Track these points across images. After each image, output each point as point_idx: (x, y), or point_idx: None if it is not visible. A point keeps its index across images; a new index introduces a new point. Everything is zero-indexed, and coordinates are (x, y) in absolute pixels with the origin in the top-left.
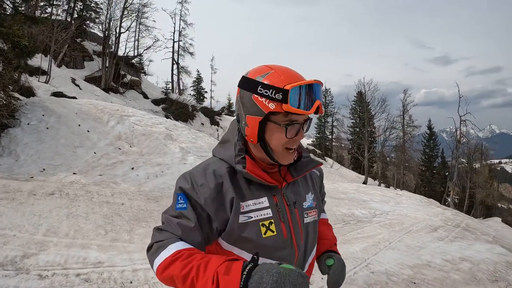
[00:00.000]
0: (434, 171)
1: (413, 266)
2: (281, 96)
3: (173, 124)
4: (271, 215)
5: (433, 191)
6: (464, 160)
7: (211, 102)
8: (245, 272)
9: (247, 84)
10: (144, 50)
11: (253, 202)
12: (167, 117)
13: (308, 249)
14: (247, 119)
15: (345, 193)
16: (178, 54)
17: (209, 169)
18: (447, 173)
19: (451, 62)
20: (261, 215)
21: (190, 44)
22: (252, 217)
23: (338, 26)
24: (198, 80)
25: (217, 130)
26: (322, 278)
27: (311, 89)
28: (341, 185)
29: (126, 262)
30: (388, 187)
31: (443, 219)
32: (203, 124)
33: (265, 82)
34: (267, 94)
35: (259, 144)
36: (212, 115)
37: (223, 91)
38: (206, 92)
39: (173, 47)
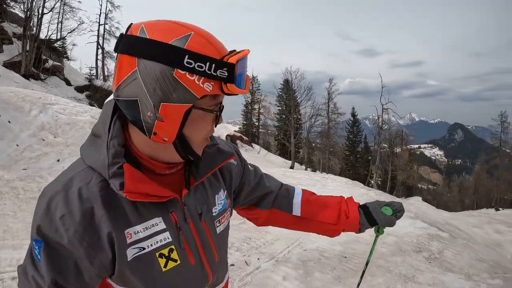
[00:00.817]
0: (358, 156)
1: (343, 242)
2: (226, 73)
3: (98, 113)
4: (171, 239)
5: (357, 174)
6: (385, 145)
7: None
8: None
9: (158, 51)
10: (68, 33)
11: (142, 227)
12: (91, 105)
13: (223, 264)
14: (161, 110)
15: None
16: (103, 38)
17: (73, 187)
18: (370, 157)
19: (376, 54)
20: (157, 242)
21: (117, 27)
22: (144, 248)
23: (266, 19)
24: None
25: None
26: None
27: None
28: (268, 171)
29: None
30: (314, 171)
31: (367, 199)
32: None
33: (194, 51)
34: (201, 69)
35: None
36: None
37: None
38: None
39: (98, 30)
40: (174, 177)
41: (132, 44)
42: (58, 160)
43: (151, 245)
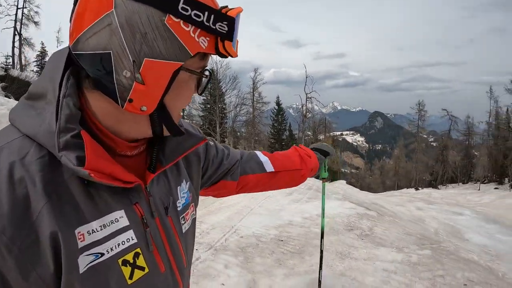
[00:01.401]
0: (283, 143)
1: (278, 226)
2: (226, 28)
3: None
4: (136, 240)
5: None
6: (309, 133)
7: None
8: None
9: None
10: None
11: (99, 224)
12: (7, 97)
13: (189, 265)
14: (144, 68)
15: None
16: (21, 23)
17: (2, 160)
18: (294, 145)
19: (301, 45)
20: (119, 245)
21: (36, 12)
22: (103, 254)
23: None
24: (43, 54)
25: None
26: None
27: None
28: None
29: None
30: None
31: (296, 187)
32: None
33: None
34: (199, 19)
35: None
36: None
37: None
38: None
39: (16, 14)
40: (136, 160)
41: None
42: None
43: (112, 249)
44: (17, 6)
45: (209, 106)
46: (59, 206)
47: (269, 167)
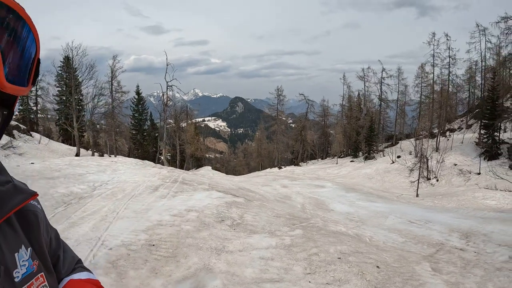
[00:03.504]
0: (145, 134)
1: (147, 229)
2: None
3: None
4: None
5: (146, 152)
6: (171, 121)
7: None
8: None
9: None
10: None
11: None
12: None
13: None
14: None
15: (58, 170)
16: None
17: None
18: (157, 134)
19: (163, 32)
20: None
21: None
22: None
23: None
24: None
25: None
26: None
27: None
28: (53, 162)
29: None
30: (102, 155)
31: (161, 178)
32: None
33: None
34: None
35: None
36: None
37: None
38: None
39: None
40: None
41: None
42: None
43: None
44: None
45: (64, 98)
46: None
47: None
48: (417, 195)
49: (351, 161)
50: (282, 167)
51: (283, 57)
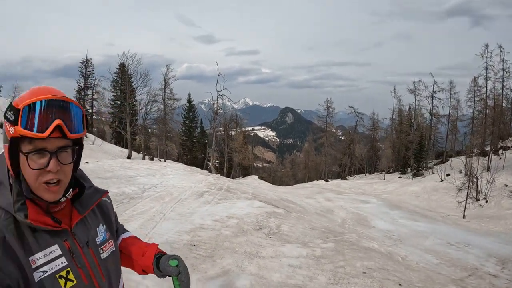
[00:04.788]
0: (195, 140)
1: (189, 231)
2: (13, 117)
3: None
4: (67, 263)
5: (194, 158)
6: (221, 129)
7: None
8: None
9: (5, 110)
10: None
11: (43, 254)
12: None
13: (113, 284)
14: (3, 148)
15: (111, 171)
16: None
17: None
18: (206, 141)
19: (214, 41)
20: (56, 266)
21: None
22: (47, 272)
23: None
24: None
25: None
26: None
27: (52, 107)
28: (106, 163)
29: None
30: (152, 159)
31: (207, 185)
32: None
33: (12, 104)
34: (8, 116)
35: (21, 178)
36: None
37: None
38: None
39: None
40: (64, 212)
41: None
42: None
43: (51, 268)
44: None
45: (119, 103)
46: (20, 244)
47: (120, 239)
48: (463, 216)
49: (399, 177)
50: (329, 180)
51: (332, 68)
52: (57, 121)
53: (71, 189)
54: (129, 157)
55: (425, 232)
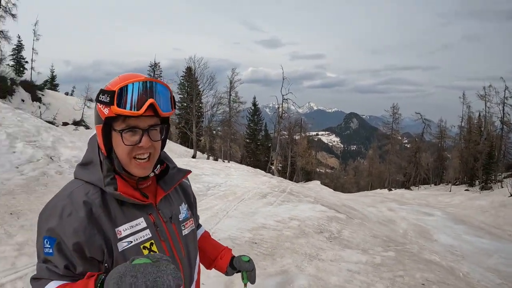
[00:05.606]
0: (259, 143)
1: (251, 229)
2: (108, 98)
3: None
4: (151, 235)
5: (258, 161)
6: (285, 133)
7: (31, 74)
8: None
9: (96, 96)
10: None
11: (129, 225)
12: None
13: (192, 260)
14: (96, 129)
15: None
16: None
17: (76, 194)
18: (270, 145)
19: (279, 45)
20: (141, 237)
21: (14, 4)
22: (132, 242)
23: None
24: (19, 47)
25: (39, 108)
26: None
27: (145, 88)
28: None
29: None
30: (216, 159)
31: (270, 186)
32: (23, 100)
33: (104, 89)
34: (102, 99)
35: (113, 155)
36: (33, 90)
37: (45, 61)
38: (26, 62)
39: None
40: (149, 188)
41: None
42: None
43: (136, 239)
44: None
45: (185, 104)
46: (107, 216)
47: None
48: None
49: (466, 190)
50: (392, 189)
51: (398, 72)
52: (150, 100)
53: (158, 165)
54: (194, 156)
55: (489, 249)
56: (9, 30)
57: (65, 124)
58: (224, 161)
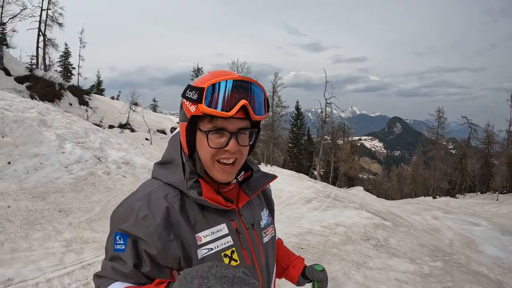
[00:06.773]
0: (301, 148)
1: (298, 234)
2: (196, 95)
3: (45, 108)
4: (232, 242)
5: (300, 165)
6: (328, 138)
7: (78, 80)
8: None
9: (183, 91)
10: (10, 19)
11: (210, 231)
12: (32, 97)
13: (270, 270)
14: (179, 127)
15: None
16: (45, 24)
17: (154, 196)
18: (313, 149)
19: (321, 49)
20: (222, 244)
21: (60, 13)
22: (212, 249)
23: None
24: (66, 54)
25: (87, 111)
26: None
27: (238, 87)
28: None
29: (36, 273)
30: (259, 163)
31: (315, 191)
32: (71, 104)
33: (192, 84)
34: (189, 96)
35: (195, 156)
36: (80, 94)
37: (91, 67)
38: (74, 68)
39: (40, 15)
40: (232, 193)
41: None
42: (9, 163)
43: (217, 246)
44: (41, 7)
45: None
46: (187, 221)
47: None
48: None
49: None
50: (437, 197)
51: (444, 74)
52: (243, 101)
53: (242, 172)
54: None
55: None
56: (56, 38)
57: (111, 127)
58: (266, 165)
